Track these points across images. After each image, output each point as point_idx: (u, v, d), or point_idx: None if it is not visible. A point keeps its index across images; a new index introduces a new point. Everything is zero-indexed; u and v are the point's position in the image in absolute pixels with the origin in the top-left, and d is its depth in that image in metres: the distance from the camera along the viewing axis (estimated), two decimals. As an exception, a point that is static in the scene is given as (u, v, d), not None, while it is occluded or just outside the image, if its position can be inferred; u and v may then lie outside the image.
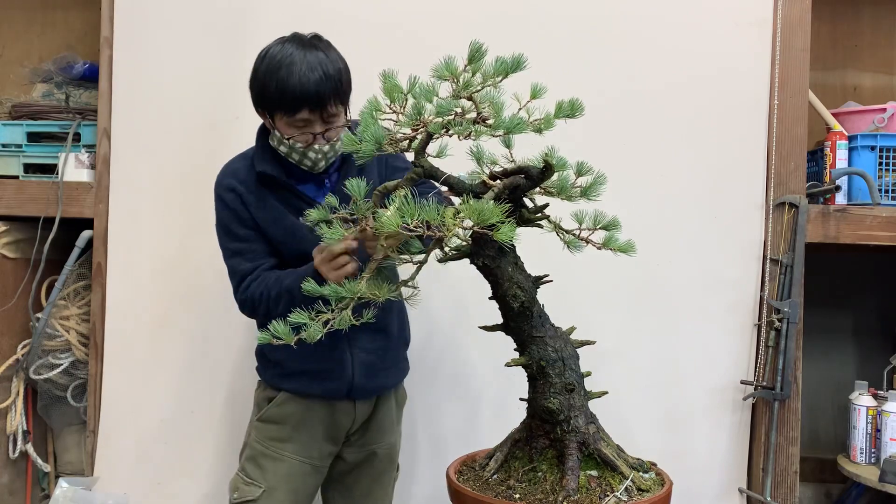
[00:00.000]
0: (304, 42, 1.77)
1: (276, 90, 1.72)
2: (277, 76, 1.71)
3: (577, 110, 1.45)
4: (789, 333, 2.35)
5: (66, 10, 3.06)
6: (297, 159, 1.81)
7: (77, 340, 2.64)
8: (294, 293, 1.71)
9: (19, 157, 2.70)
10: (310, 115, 1.74)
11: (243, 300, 1.87)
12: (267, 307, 1.80)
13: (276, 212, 1.85)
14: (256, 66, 1.78)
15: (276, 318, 1.67)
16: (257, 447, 1.94)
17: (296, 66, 1.71)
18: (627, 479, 1.49)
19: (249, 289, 1.85)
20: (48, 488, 2.77)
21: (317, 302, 1.52)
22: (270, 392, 1.97)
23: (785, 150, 2.42)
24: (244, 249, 1.87)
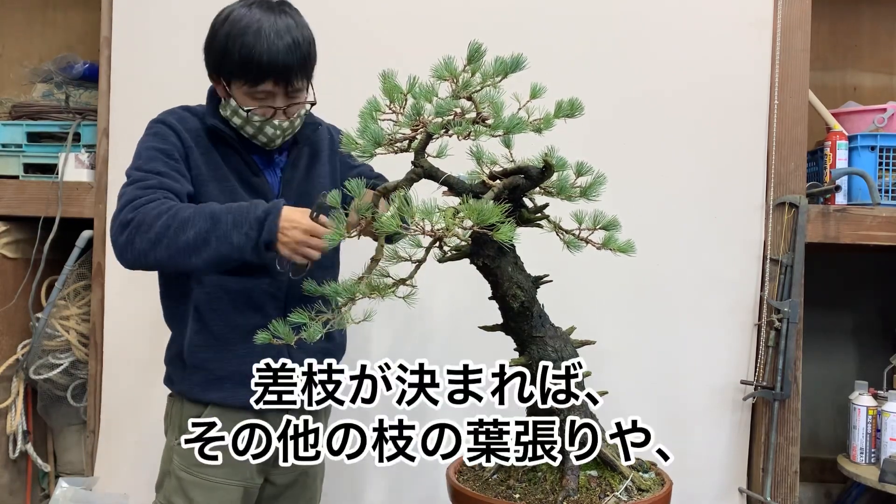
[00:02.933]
0: (271, 6, 1.63)
1: (239, 57, 1.58)
2: (242, 41, 1.57)
3: (577, 110, 1.45)
4: (789, 333, 2.35)
5: (66, 10, 3.06)
6: (250, 133, 1.68)
7: (77, 340, 2.64)
8: (219, 221, 1.50)
9: (19, 157, 2.70)
10: (274, 87, 1.61)
11: (126, 221, 1.53)
12: (164, 231, 1.51)
13: (219, 171, 1.68)
14: (216, 28, 1.64)
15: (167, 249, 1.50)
16: (183, 475, 1.71)
17: (263, 32, 1.57)
18: (627, 479, 1.49)
19: (143, 208, 1.53)
20: (48, 488, 2.77)
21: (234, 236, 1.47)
22: (192, 408, 1.73)
23: (785, 150, 2.42)
24: (150, 179, 1.58)
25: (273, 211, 1.54)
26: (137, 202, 1.55)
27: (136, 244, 1.53)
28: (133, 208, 1.54)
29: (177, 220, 1.51)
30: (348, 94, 1.75)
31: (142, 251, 1.53)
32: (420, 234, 1.34)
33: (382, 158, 1.44)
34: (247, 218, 1.52)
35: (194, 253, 1.52)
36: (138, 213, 1.53)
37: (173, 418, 1.79)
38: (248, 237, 1.52)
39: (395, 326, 2.41)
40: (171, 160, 1.64)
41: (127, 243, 1.54)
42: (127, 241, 1.54)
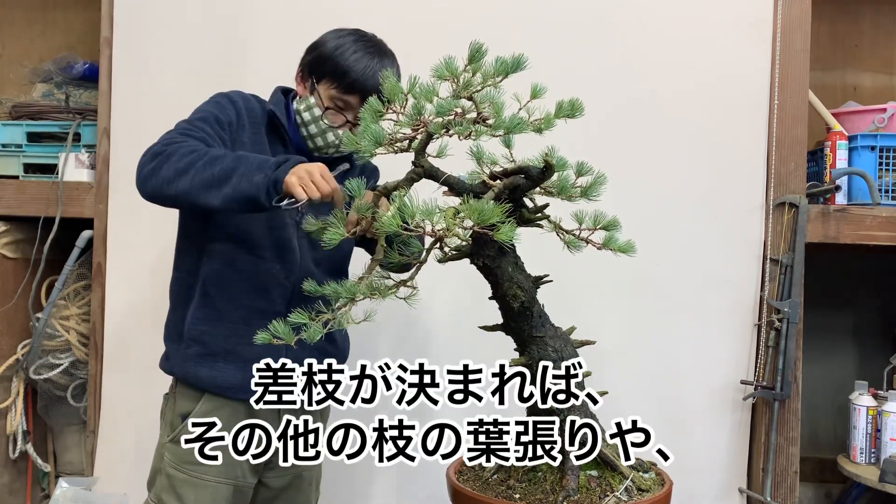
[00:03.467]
0: (384, 49, 1.78)
1: (343, 63, 1.70)
2: (354, 54, 1.71)
3: (577, 110, 1.45)
4: (789, 333, 2.35)
5: (66, 10, 3.06)
6: (312, 132, 1.76)
7: (77, 340, 2.63)
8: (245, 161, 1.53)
9: (19, 157, 2.70)
10: (356, 102, 1.70)
11: (157, 151, 1.59)
12: (190, 161, 1.55)
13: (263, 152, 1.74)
14: (328, 38, 1.77)
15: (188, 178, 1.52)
16: (174, 473, 1.73)
17: (376, 59, 1.72)
18: (627, 479, 1.49)
19: (176, 143, 1.60)
20: (48, 488, 2.77)
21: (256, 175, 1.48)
22: (185, 404, 1.76)
23: (785, 150, 2.42)
24: (194, 130, 1.66)
25: (293, 159, 1.56)
26: (173, 139, 1.61)
27: (161, 171, 1.56)
28: (167, 143, 1.60)
29: (207, 156, 1.55)
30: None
31: (165, 178, 1.56)
32: (420, 234, 1.34)
33: (382, 158, 1.44)
34: (269, 163, 1.55)
35: (215, 186, 1.53)
36: (171, 147, 1.59)
37: (166, 415, 1.81)
38: (267, 177, 1.53)
39: (395, 327, 2.41)
40: (219, 127, 1.71)
41: (154, 170, 1.57)
42: (154, 168, 1.57)
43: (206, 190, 1.53)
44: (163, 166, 1.56)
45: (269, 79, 2.42)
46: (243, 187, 1.52)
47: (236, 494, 1.75)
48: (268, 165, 1.54)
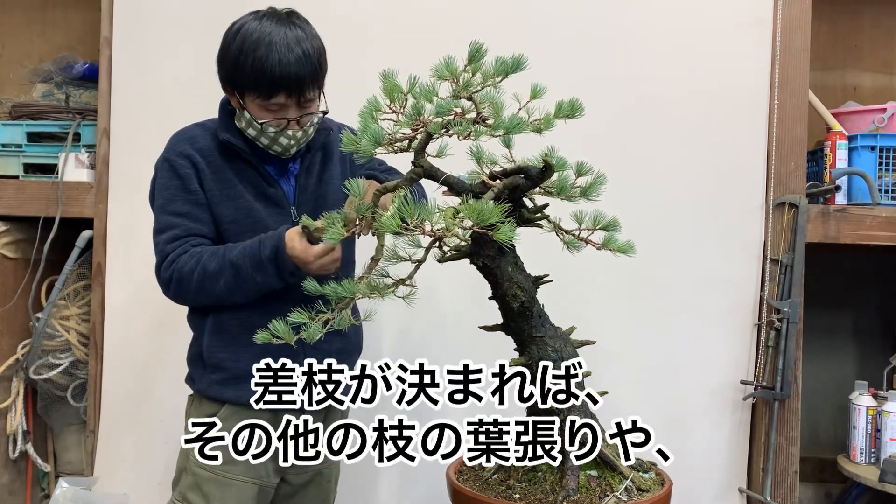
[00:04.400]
0: (281, 18, 1.66)
1: (251, 71, 1.60)
2: (254, 55, 1.60)
3: (577, 110, 1.45)
4: (789, 333, 2.35)
5: (66, 10, 3.06)
6: (265, 144, 1.72)
7: (77, 340, 2.64)
8: (240, 268, 1.62)
9: (19, 157, 2.70)
10: (286, 99, 1.64)
11: (168, 278, 1.69)
12: (200, 284, 1.65)
13: (233, 189, 1.73)
14: (228, 42, 1.66)
15: (209, 297, 1.66)
16: (201, 472, 1.73)
17: (275, 46, 1.60)
18: (627, 479, 1.49)
19: (177, 263, 1.67)
20: (48, 488, 2.77)
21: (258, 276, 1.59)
22: (210, 407, 1.77)
23: (785, 150, 2.42)
24: (179, 225, 1.71)
25: (278, 244, 1.60)
26: (168, 260, 1.70)
27: (182, 297, 1.73)
28: (168, 266, 1.70)
29: (207, 274, 1.65)
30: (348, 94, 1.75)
31: (190, 301, 1.75)
32: (420, 234, 1.34)
33: (382, 158, 1.44)
34: (260, 260, 1.62)
35: (232, 296, 1.66)
36: (174, 270, 1.68)
37: (192, 416, 1.81)
38: (268, 275, 1.63)
39: (394, 326, 2.41)
40: (189, 194, 1.73)
41: (176, 297, 1.73)
42: (175, 296, 1.73)
43: (227, 298, 1.68)
44: (179, 293, 1.71)
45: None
46: (255, 289, 1.65)
47: (260, 494, 1.77)
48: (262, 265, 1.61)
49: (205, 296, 1.67)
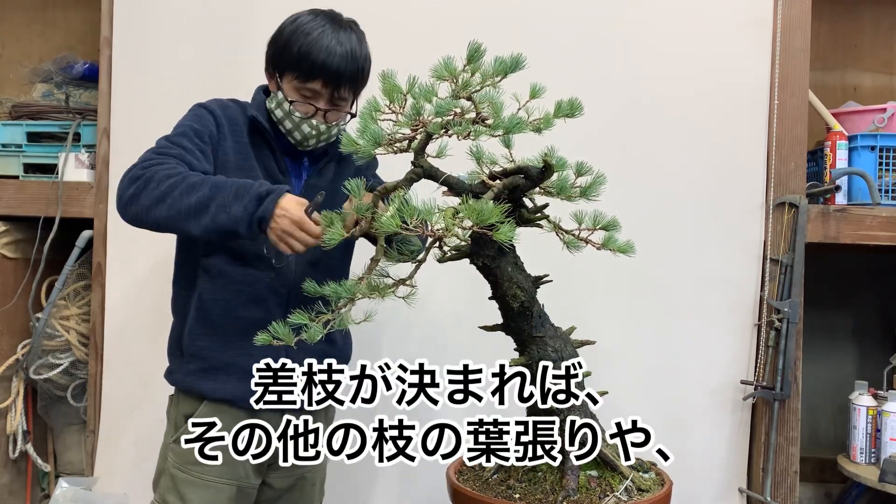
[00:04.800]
0: (339, 20, 1.73)
1: (297, 51, 1.66)
2: (305, 39, 1.66)
3: (577, 110, 1.45)
4: (789, 333, 2.35)
5: (66, 10, 3.06)
6: (288, 128, 1.73)
7: (77, 340, 2.64)
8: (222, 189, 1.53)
9: (19, 157, 2.70)
10: (322, 88, 1.68)
11: (136, 176, 1.57)
12: (168, 191, 1.54)
13: (248, 162, 1.73)
14: (283, 27, 1.73)
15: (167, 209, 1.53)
16: (177, 473, 1.72)
17: (326, 36, 1.66)
18: (627, 479, 1.49)
19: (155, 167, 1.58)
20: (48, 488, 2.77)
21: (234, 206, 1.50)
22: (187, 406, 1.75)
23: (785, 150, 2.42)
24: (172, 149, 1.64)
25: (275, 192, 1.54)
26: (150, 162, 1.60)
27: (140, 199, 1.56)
28: (145, 167, 1.59)
29: (184, 183, 1.55)
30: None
31: (144, 207, 1.56)
32: (420, 234, 1.34)
33: (382, 158, 1.44)
34: (248, 192, 1.54)
35: (193, 217, 1.54)
36: (148, 171, 1.57)
37: (170, 417, 1.81)
38: (246, 210, 1.53)
39: (394, 327, 2.41)
40: (199, 140, 1.69)
41: (132, 197, 1.57)
42: (133, 195, 1.57)
43: (185, 220, 1.54)
44: (141, 193, 1.56)
45: (268, 79, 2.43)
46: (221, 220, 1.53)
47: (239, 495, 1.74)
48: (247, 196, 1.53)
49: (164, 207, 1.54)
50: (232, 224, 1.53)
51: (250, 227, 1.54)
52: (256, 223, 1.53)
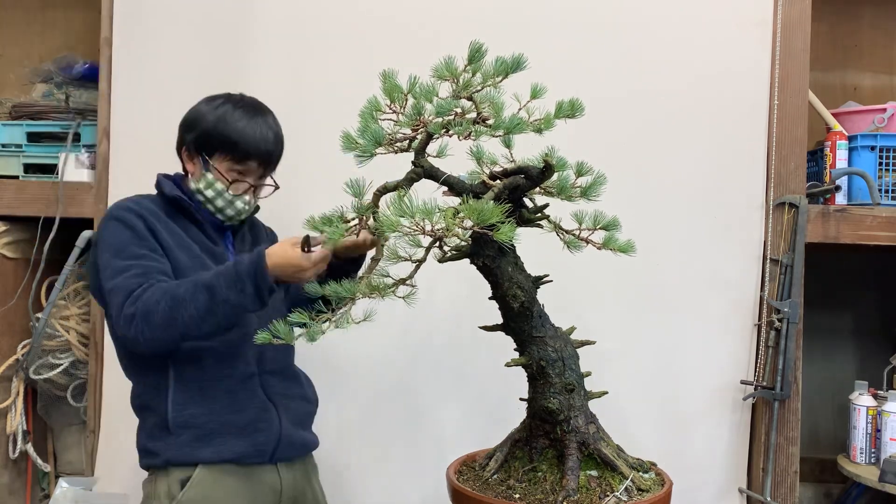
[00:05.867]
0: (261, 106, 1.82)
1: (234, 133, 1.73)
2: (238, 124, 1.74)
3: (577, 110, 1.45)
4: (789, 333, 2.35)
5: (66, 10, 3.06)
6: (220, 206, 1.79)
7: (77, 340, 2.63)
8: (214, 289, 1.58)
9: (19, 157, 2.70)
10: (256, 167, 1.77)
11: (132, 314, 1.59)
12: (168, 314, 1.58)
13: (183, 241, 1.76)
14: (204, 112, 1.78)
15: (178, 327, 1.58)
16: None
17: (259, 120, 1.77)
18: (627, 479, 1.49)
19: (141, 298, 1.59)
20: (48, 488, 2.77)
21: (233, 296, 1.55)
22: (181, 472, 1.70)
23: (785, 150, 2.42)
24: (135, 267, 1.65)
25: (258, 260, 1.59)
26: (134, 295, 1.61)
27: (146, 334, 1.59)
28: (132, 301, 1.60)
29: (175, 301, 1.58)
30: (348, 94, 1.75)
31: (154, 338, 1.60)
32: (420, 234, 1.34)
33: (382, 158, 1.44)
34: (238, 276, 1.59)
35: (202, 323, 1.59)
36: (139, 305, 1.59)
37: (159, 490, 1.72)
38: (246, 293, 1.58)
39: (394, 327, 2.41)
40: (142, 241, 1.70)
41: (137, 335, 1.60)
42: (137, 333, 1.60)
43: (196, 328, 1.59)
44: (143, 330, 1.59)
45: (269, 78, 2.43)
46: (228, 312, 1.60)
47: None
48: (239, 281, 1.57)
49: (173, 328, 1.59)
50: (241, 310, 1.61)
51: (259, 302, 1.60)
52: (264, 296, 1.60)
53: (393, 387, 2.45)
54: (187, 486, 1.68)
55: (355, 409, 2.46)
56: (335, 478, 2.46)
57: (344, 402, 2.45)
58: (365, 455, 2.46)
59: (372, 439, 2.45)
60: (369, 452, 2.46)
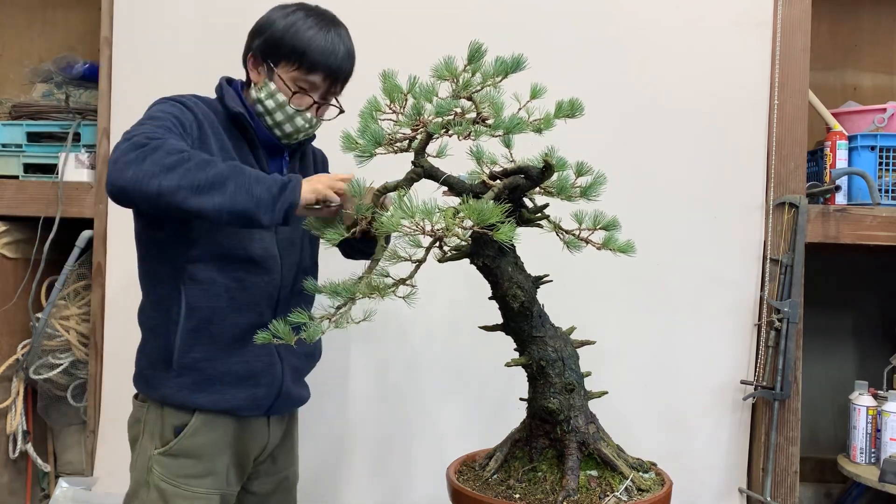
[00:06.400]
0: (334, 18, 1.71)
1: (303, 41, 1.63)
2: (309, 32, 1.64)
3: (577, 110, 1.45)
4: (789, 333, 2.35)
5: (66, 10, 3.06)
6: (279, 120, 1.68)
7: (77, 340, 2.63)
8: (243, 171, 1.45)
9: (19, 157, 2.70)
10: (321, 81, 1.66)
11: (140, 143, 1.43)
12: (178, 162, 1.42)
13: (229, 157, 1.63)
14: (275, 19, 1.67)
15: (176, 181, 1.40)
16: (166, 487, 1.63)
17: (332, 32, 1.66)
18: (627, 479, 1.49)
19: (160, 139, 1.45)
20: (48, 488, 2.77)
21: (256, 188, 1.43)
22: (176, 417, 1.65)
23: (785, 150, 2.42)
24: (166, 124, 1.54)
25: (295, 178, 1.51)
26: (155, 133, 1.48)
27: (144, 164, 1.41)
28: (150, 137, 1.46)
29: (197, 158, 1.44)
30: (348, 94, 1.75)
31: (148, 172, 1.41)
32: (420, 234, 1.34)
33: (382, 158, 1.44)
34: (268, 179, 1.48)
35: (206, 192, 1.42)
36: (155, 141, 1.44)
37: (150, 425, 1.68)
38: (270, 192, 1.45)
39: (394, 327, 2.41)
40: (183, 130, 1.58)
41: (135, 161, 1.42)
42: (135, 160, 1.42)
43: (196, 193, 1.42)
44: (146, 158, 1.42)
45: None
46: (240, 199, 1.43)
47: (222, 502, 1.71)
48: (269, 180, 1.47)
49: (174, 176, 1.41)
50: (253, 205, 1.44)
51: (273, 211, 1.46)
52: (283, 209, 1.47)
53: (393, 387, 2.45)
54: (182, 435, 1.63)
55: (355, 409, 2.46)
56: (336, 477, 2.46)
57: (344, 402, 2.45)
58: (365, 455, 2.46)
59: (372, 439, 2.46)
60: (369, 452, 2.46)
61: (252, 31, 1.73)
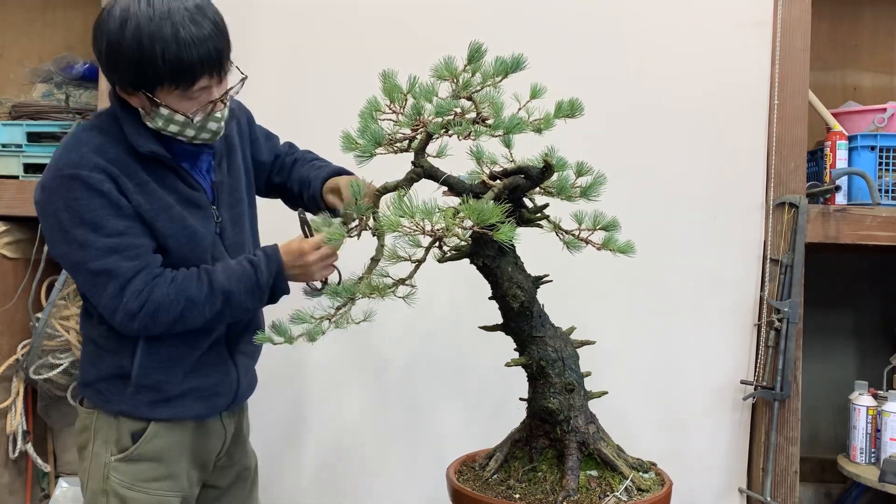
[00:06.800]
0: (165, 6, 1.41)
1: (166, 64, 1.39)
2: (163, 46, 1.38)
3: (577, 110, 1.45)
4: (789, 333, 2.35)
5: (66, 10, 3.06)
6: (191, 135, 1.52)
7: (77, 340, 2.63)
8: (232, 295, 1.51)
9: (19, 157, 2.70)
10: (209, 80, 1.46)
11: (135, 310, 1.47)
12: (181, 314, 1.49)
13: (161, 200, 1.53)
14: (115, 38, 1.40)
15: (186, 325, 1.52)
16: (126, 493, 1.60)
17: (182, 28, 1.39)
18: (627, 479, 1.49)
19: (152, 297, 1.47)
20: (48, 488, 2.77)
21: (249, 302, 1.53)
22: (132, 424, 1.61)
23: (785, 150, 2.42)
24: (121, 246, 1.47)
25: (276, 269, 1.53)
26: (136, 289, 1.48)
27: (148, 329, 1.52)
28: (135, 296, 1.48)
29: (190, 303, 1.50)
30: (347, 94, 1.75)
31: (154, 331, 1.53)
32: (420, 234, 1.34)
33: (382, 158, 1.44)
34: (258, 286, 1.53)
35: (210, 321, 1.55)
36: (148, 305, 1.48)
37: (103, 432, 1.63)
38: (263, 301, 1.57)
39: (394, 327, 2.41)
40: (119, 209, 1.49)
41: (140, 329, 1.51)
42: (140, 328, 1.51)
43: (203, 324, 1.55)
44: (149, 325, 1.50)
45: (269, 77, 2.43)
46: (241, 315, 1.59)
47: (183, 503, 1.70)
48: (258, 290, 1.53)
49: (179, 325, 1.52)
50: (254, 312, 1.64)
51: (270, 302, 1.59)
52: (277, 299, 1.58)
53: (393, 387, 2.45)
54: (140, 441, 1.60)
55: (355, 409, 2.46)
56: (336, 477, 2.46)
57: (344, 402, 2.45)
58: (365, 455, 2.46)
59: (372, 439, 2.46)
60: (369, 452, 2.46)
61: (101, 62, 1.49)
